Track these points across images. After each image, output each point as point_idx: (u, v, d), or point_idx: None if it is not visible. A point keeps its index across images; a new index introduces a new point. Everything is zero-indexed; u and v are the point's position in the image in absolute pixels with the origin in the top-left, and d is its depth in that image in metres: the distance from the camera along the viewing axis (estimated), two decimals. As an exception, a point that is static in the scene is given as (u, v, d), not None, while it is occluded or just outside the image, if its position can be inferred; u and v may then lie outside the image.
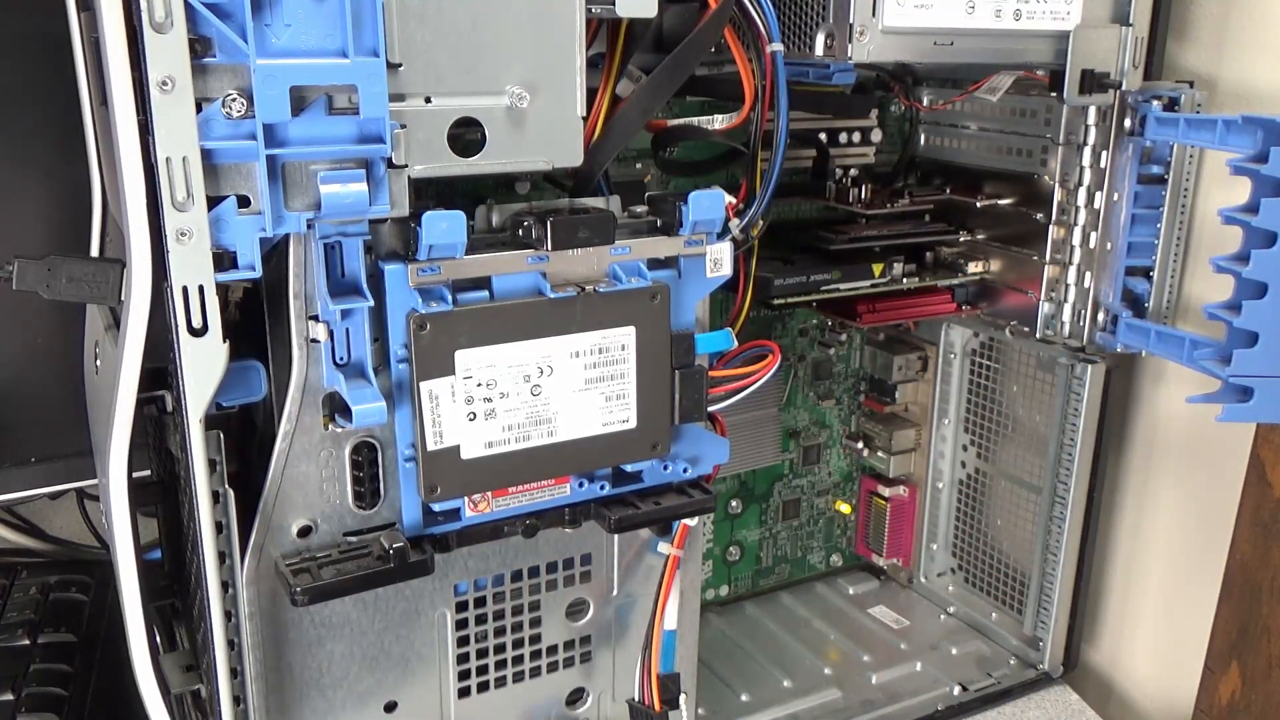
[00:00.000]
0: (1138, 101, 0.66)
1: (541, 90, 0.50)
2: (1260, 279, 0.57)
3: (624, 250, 0.53)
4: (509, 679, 0.60)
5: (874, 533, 0.91)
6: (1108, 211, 0.69)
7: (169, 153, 0.43)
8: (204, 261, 0.45)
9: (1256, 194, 0.57)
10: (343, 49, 0.44)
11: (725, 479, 0.86)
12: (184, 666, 0.59)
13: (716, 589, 0.89)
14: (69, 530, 0.87)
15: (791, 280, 0.70)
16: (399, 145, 0.47)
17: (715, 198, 0.54)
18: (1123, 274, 0.70)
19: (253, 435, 0.54)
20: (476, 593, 0.58)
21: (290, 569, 0.51)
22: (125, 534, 0.50)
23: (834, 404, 0.89)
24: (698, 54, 0.54)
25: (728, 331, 0.58)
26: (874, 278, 0.74)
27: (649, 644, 0.63)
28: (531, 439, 0.53)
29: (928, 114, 0.81)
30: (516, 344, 0.51)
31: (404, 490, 0.53)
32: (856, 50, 0.59)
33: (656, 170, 0.73)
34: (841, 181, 0.77)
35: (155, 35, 0.41)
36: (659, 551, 0.62)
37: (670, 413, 0.56)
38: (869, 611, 0.90)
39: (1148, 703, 0.85)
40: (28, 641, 0.71)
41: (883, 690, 0.80)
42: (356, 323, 0.49)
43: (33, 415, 0.75)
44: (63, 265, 0.51)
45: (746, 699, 0.78)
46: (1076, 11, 0.64)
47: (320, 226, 0.47)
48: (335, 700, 0.55)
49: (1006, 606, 0.85)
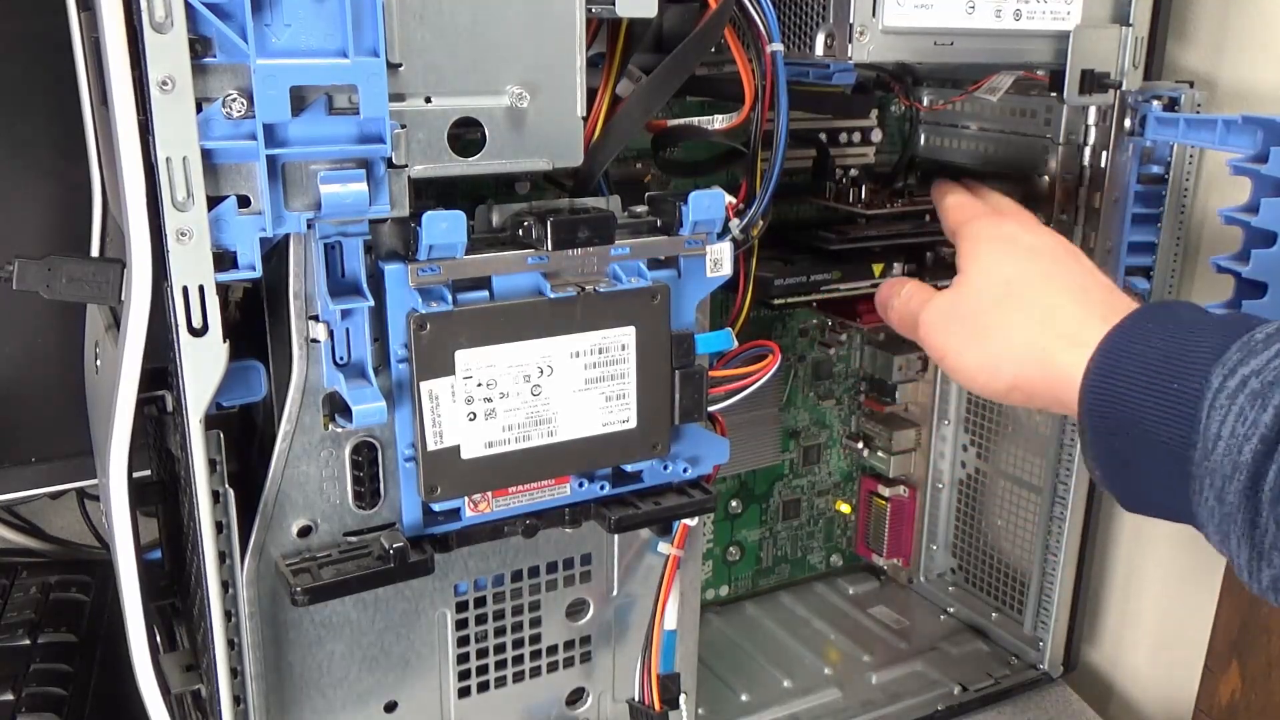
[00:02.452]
0: (1138, 101, 0.66)
1: (541, 90, 0.50)
2: (1260, 278, 0.57)
3: (624, 250, 0.53)
4: (509, 679, 0.60)
5: (874, 533, 0.91)
6: (1108, 211, 0.69)
7: (169, 153, 0.43)
8: (204, 261, 0.45)
9: (1256, 194, 0.57)
10: (343, 49, 0.44)
11: (725, 479, 0.86)
12: (184, 666, 0.59)
13: (716, 589, 0.89)
14: (69, 530, 0.88)
15: (791, 280, 0.70)
16: (399, 145, 0.47)
17: (715, 198, 0.54)
18: (1123, 274, 0.70)
19: (253, 435, 0.54)
20: (476, 593, 0.58)
21: (290, 569, 0.51)
22: (125, 534, 0.50)
23: (834, 404, 0.89)
24: (698, 54, 0.54)
25: (728, 331, 0.58)
26: (874, 278, 0.74)
27: (649, 644, 0.63)
28: (531, 439, 0.53)
29: (928, 114, 0.81)
30: (516, 344, 0.51)
31: (404, 490, 0.53)
32: (856, 50, 0.59)
33: (656, 170, 0.73)
34: (841, 181, 0.77)
35: (155, 35, 0.41)
36: (659, 551, 0.62)
37: (670, 413, 0.56)
38: (869, 611, 0.90)
39: (1148, 703, 0.85)
40: (28, 641, 0.71)
41: (883, 690, 0.80)
42: (356, 323, 0.49)
43: (33, 415, 0.75)
44: (63, 265, 0.51)
45: (746, 699, 0.78)
46: (1076, 11, 0.64)
47: (320, 226, 0.47)
48: (335, 700, 0.55)
49: (1006, 606, 0.85)
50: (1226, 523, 0.42)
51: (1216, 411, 0.42)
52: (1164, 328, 0.46)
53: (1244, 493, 0.41)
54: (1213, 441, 0.42)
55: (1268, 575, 0.41)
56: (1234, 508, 0.42)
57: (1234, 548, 0.43)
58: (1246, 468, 0.41)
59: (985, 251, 0.56)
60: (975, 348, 0.54)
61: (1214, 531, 0.43)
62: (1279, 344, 0.42)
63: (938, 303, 0.57)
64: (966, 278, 0.56)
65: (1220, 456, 0.42)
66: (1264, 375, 0.41)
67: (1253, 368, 0.42)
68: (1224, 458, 0.42)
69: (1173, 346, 0.45)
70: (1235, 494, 0.41)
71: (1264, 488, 0.40)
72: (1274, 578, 0.41)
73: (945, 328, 0.56)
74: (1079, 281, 0.53)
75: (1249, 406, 0.41)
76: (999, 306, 0.54)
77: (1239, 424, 0.41)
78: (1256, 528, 0.41)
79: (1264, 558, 0.41)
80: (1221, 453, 0.42)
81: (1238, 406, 0.41)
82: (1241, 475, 0.41)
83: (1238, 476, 0.41)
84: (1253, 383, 0.41)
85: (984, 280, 0.55)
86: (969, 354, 0.54)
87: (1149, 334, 0.46)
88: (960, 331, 0.55)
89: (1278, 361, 0.42)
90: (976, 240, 0.58)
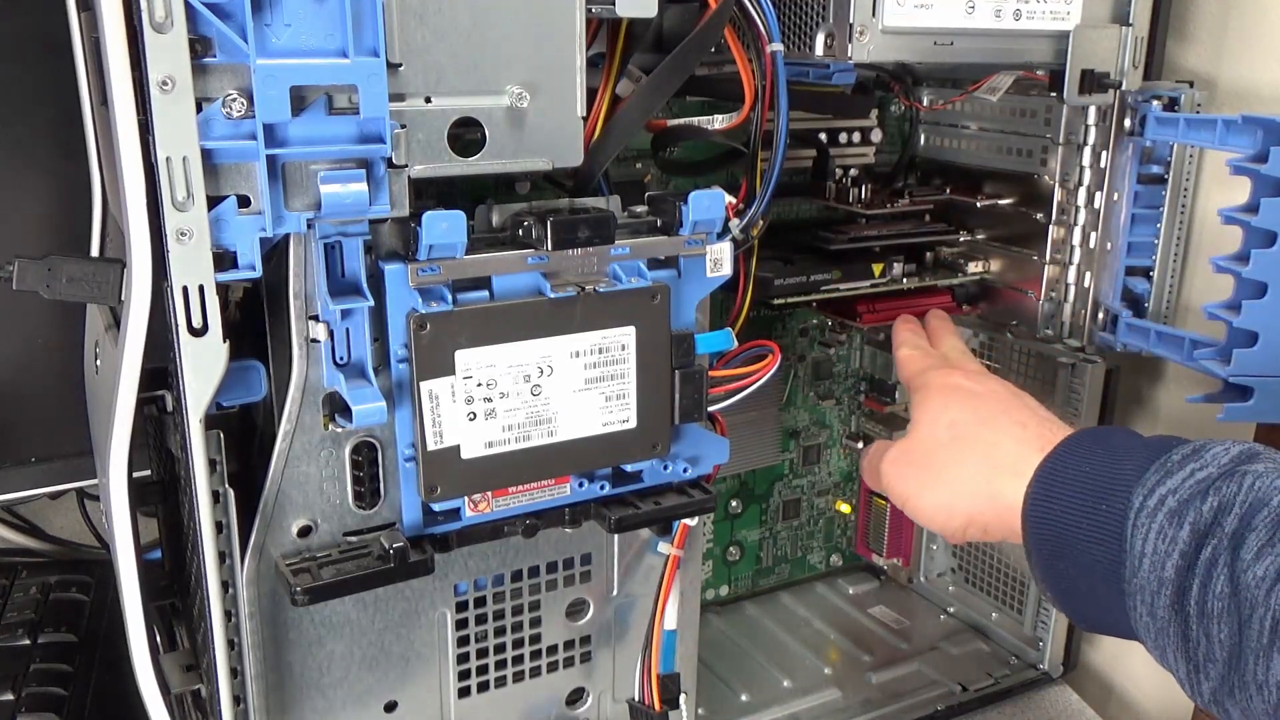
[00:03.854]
0: (1138, 101, 0.66)
1: (541, 90, 0.50)
2: (1260, 279, 0.57)
3: (624, 250, 0.53)
4: (509, 679, 0.60)
5: (874, 533, 0.91)
6: (1108, 211, 0.69)
7: (169, 153, 0.43)
8: (204, 261, 0.45)
9: (1256, 194, 0.57)
10: (343, 49, 0.44)
11: (725, 479, 0.86)
12: (184, 666, 0.59)
13: (716, 589, 0.89)
14: (69, 530, 0.88)
15: (791, 280, 0.70)
16: (399, 145, 0.47)
17: (715, 198, 0.54)
18: (1123, 274, 0.70)
19: (253, 435, 0.54)
20: (476, 593, 0.58)
21: (290, 569, 0.51)
22: (125, 534, 0.50)
23: (834, 404, 0.89)
24: (698, 54, 0.54)
25: (728, 331, 0.58)
26: (874, 278, 0.74)
27: (649, 644, 0.63)
28: (531, 439, 0.53)
29: (928, 114, 0.81)
30: (516, 344, 0.51)
31: (404, 490, 0.53)
32: (856, 50, 0.59)
33: (656, 170, 0.73)
34: (841, 181, 0.77)
35: (155, 35, 0.41)
36: (659, 551, 0.62)
37: (670, 413, 0.56)
38: (869, 611, 0.90)
39: (1148, 703, 0.85)
40: (28, 641, 0.71)
41: (883, 690, 0.80)
42: (356, 323, 0.49)
43: (33, 415, 0.75)
44: (63, 265, 0.51)
45: (746, 699, 0.78)
46: (1076, 11, 0.64)
47: (320, 226, 0.47)
48: (335, 700, 0.55)
49: (1006, 606, 0.85)
50: (1161, 637, 0.44)
51: (1139, 530, 0.45)
52: (1093, 452, 0.49)
53: (1171, 607, 0.43)
54: (1138, 559, 0.45)
55: (1207, 688, 0.43)
56: (1165, 622, 0.44)
57: (1172, 662, 0.45)
58: (1171, 582, 0.43)
59: (933, 400, 0.60)
60: (930, 491, 0.57)
61: (1153, 647, 0.46)
62: (1192, 464, 0.45)
63: (893, 452, 0.60)
64: (917, 425, 0.60)
65: (1146, 573, 0.44)
66: (1179, 494, 0.44)
67: (1170, 487, 0.45)
68: (1150, 574, 0.44)
69: (1100, 469, 0.48)
70: (1164, 609, 0.44)
71: (1189, 602, 0.43)
72: (1213, 690, 0.43)
73: (902, 474, 0.59)
74: (1018, 418, 0.56)
75: (1168, 524, 0.44)
76: (946, 449, 0.57)
77: (1159, 541, 0.44)
78: (1189, 640, 0.43)
79: (1200, 670, 0.43)
80: (1147, 570, 0.44)
81: (1157, 524, 0.44)
82: (1167, 590, 0.43)
83: (1164, 591, 0.44)
84: (1169, 501, 0.44)
85: (932, 426, 0.59)
86: (926, 496, 0.58)
87: (1080, 459, 0.50)
88: (916, 476, 0.58)
89: (1190, 480, 0.44)
90: (926, 390, 0.61)
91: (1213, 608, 0.42)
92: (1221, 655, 0.42)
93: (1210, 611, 0.42)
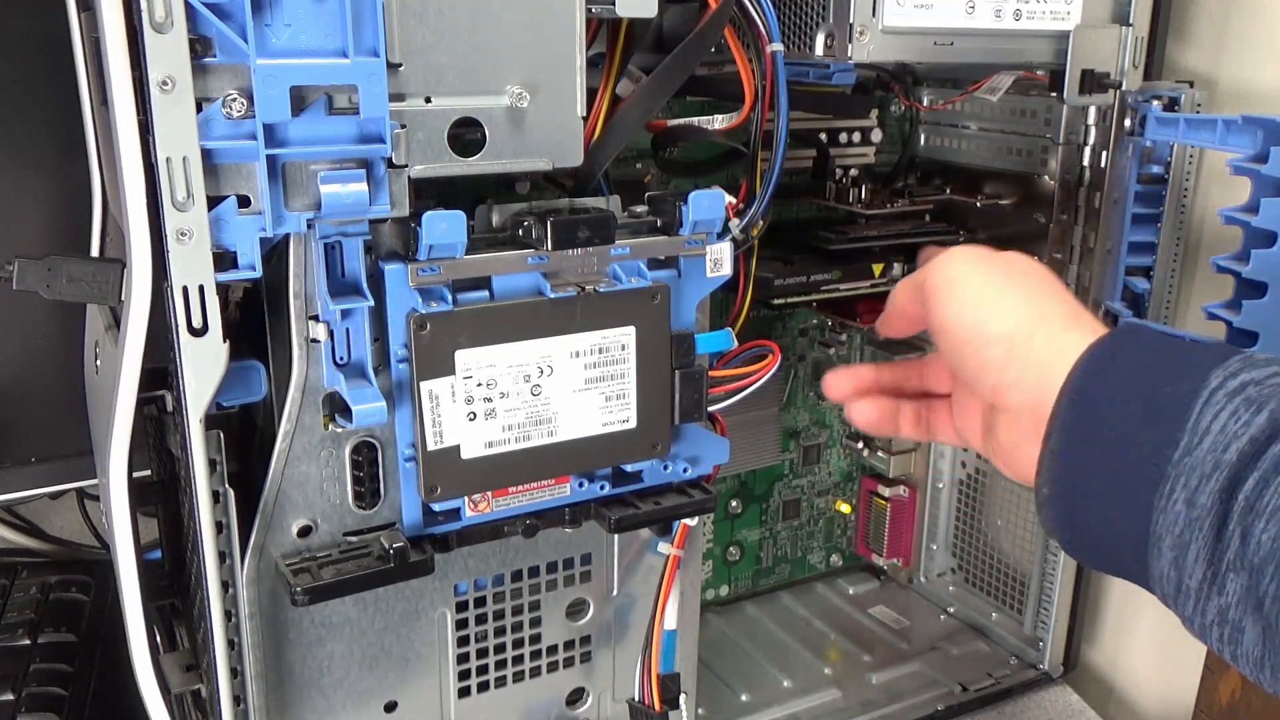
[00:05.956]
0: (1138, 101, 0.66)
1: (541, 90, 0.50)
2: (1260, 279, 0.57)
3: (624, 250, 0.53)
4: (509, 679, 0.60)
5: (874, 533, 0.91)
6: (1108, 211, 0.69)
7: (169, 153, 0.43)
8: (204, 261, 0.45)
9: (1256, 194, 0.57)
10: (343, 49, 0.44)
11: (725, 479, 0.86)
12: (184, 666, 0.59)
13: (716, 589, 0.89)
14: (69, 530, 0.88)
15: (791, 280, 0.70)
16: (399, 145, 0.47)
17: (715, 198, 0.54)
18: (1123, 274, 0.70)
19: (253, 435, 0.54)
20: (476, 593, 0.58)
21: (290, 569, 0.51)
22: (125, 534, 0.50)
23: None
24: (698, 54, 0.54)
25: (728, 331, 0.58)
26: (874, 278, 0.74)
27: (649, 644, 0.63)
28: (531, 439, 0.53)
29: (928, 114, 0.81)
30: (516, 344, 0.51)
31: (404, 490, 0.53)
32: (856, 50, 0.59)
33: (656, 170, 0.73)
34: (841, 181, 0.77)
35: (155, 35, 0.41)
36: (659, 551, 0.62)
37: (670, 413, 0.56)
38: (869, 611, 0.90)
39: (1148, 703, 0.85)
40: (28, 641, 0.71)
41: (883, 690, 0.80)
42: (356, 323, 0.49)
43: (33, 415, 0.74)
44: (63, 265, 0.51)
45: (746, 699, 0.78)
46: (1076, 11, 0.64)
47: (320, 226, 0.47)
48: (335, 700, 0.55)
49: (1006, 606, 0.85)
50: (1189, 531, 0.41)
51: (1210, 408, 0.41)
52: (1161, 340, 0.46)
53: (1219, 494, 0.40)
54: (1200, 436, 0.41)
55: (1215, 604, 0.41)
56: (1204, 510, 0.41)
57: (1189, 563, 0.41)
58: (1229, 467, 0.40)
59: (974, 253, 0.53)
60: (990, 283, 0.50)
61: (1169, 547, 0.42)
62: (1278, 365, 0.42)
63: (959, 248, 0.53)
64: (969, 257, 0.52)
65: (1204, 453, 0.41)
66: (1264, 386, 0.41)
67: (1254, 376, 0.42)
68: (1207, 454, 0.41)
69: (1170, 355, 0.45)
70: (1208, 495, 0.41)
71: (1239, 493, 0.40)
72: (1223, 607, 0.40)
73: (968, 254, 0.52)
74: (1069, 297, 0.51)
75: (1244, 409, 0.41)
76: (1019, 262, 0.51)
77: (1231, 421, 0.41)
78: (1220, 539, 0.40)
79: (1216, 580, 0.40)
80: (1205, 449, 0.41)
81: (1233, 405, 0.41)
82: (1222, 474, 0.40)
83: (1217, 475, 0.40)
84: (1251, 390, 0.41)
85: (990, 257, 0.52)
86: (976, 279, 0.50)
87: (1148, 342, 0.46)
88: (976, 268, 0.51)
89: (1277, 380, 0.41)
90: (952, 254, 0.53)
91: (1266, 505, 0.39)
92: (1253, 562, 0.39)
93: (1261, 508, 0.39)
